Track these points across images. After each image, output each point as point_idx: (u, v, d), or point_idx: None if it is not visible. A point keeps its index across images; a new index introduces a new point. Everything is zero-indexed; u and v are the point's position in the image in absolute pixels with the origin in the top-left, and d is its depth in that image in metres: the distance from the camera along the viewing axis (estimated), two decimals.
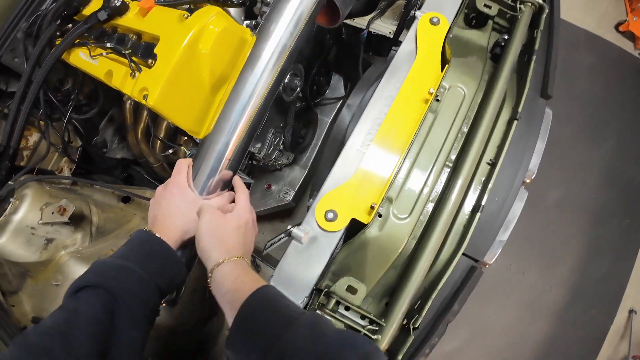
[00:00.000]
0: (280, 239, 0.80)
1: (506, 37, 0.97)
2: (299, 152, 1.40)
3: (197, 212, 0.77)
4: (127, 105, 1.25)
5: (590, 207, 2.03)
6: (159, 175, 1.38)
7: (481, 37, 0.98)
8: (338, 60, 1.42)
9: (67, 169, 1.21)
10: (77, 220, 1.09)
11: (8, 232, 1.05)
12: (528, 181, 0.91)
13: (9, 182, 1.13)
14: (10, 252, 1.07)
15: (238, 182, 0.86)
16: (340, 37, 1.36)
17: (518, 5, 0.98)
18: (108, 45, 0.95)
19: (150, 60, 0.88)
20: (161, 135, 1.17)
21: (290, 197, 1.40)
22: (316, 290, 0.80)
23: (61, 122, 1.28)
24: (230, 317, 0.63)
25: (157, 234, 0.73)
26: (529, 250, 1.88)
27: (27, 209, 1.05)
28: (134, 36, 0.99)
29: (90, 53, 1.01)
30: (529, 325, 1.81)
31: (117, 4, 0.97)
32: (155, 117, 1.20)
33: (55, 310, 0.62)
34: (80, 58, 1.04)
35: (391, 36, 1.26)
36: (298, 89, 1.16)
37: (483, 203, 0.81)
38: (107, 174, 1.43)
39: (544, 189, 1.96)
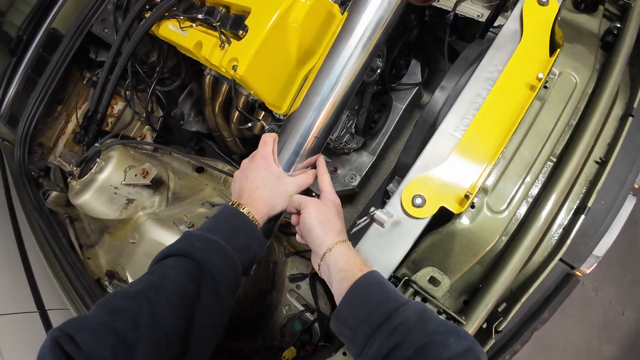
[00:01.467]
0: (364, 221, 0.77)
1: (618, 25, 0.87)
2: (370, 137, 1.36)
3: (297, 205, 0.77)
4: (207, 80, 1.27)
5: None
6: (231, 150, 1.41)
7: (592, 23, 0.88)
8: (419, 43, 1.36)
9: (149, 136, 1.26)
10: (156, 184, 1.13)
11: (92, 190, 1.11)
12: (637, 187, 0.81)
13: (96, 144, 1.21)
14: (93, 208, 1.14)
15: (321, 163, 0.84)
16: (424, 19, 1.29)
17: None
18: (199, 17, 0.97)
19: (241, 32, 0.88)
20: (238, 112, 1.18)
21: (355, 183, 1.38)
22: (394, 278, 0.77)
23: (145, 93, 1.34)
24: (340, 294, 0.64)
25: (244, 207, 0.73)
26: (608, 267, 1.72)
27: (112, 169, 1.11)
28: (223, 9, 0.99)
29: (180, 25, 1.04)
30: (596, 348, 1.66)
31: None
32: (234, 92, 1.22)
33: (143, 275, 0.63)
34: (170, 30, 1.06)
35: (480, 19, 1.18)
36: (379, 70, 1.12)
37: (589, 205, 0.74)
38: (182, 145, 1.48)
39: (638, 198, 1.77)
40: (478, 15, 1.17)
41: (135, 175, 1.10)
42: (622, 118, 0.79)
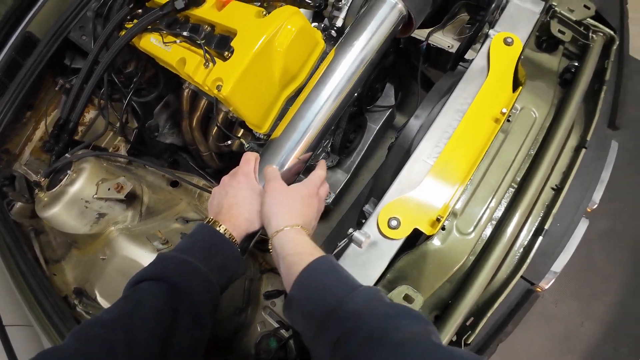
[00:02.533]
0: (344, 242, 0.80)
1: (576, 64, 0.97)
2: (345, 155, 1.41)
3: (263, 184, 0.78)
4: (186, 93, 1.28)
5: (636, 244, 1.98)
6: (207, 164, 1.41)
7: (552, 61, 0.98)
8: (393, 69, 1.43)
9: (123, 148, 1.24)
10: (129, 199, 1.11)
11: (62, 203, 1.08)
12: (589, 211, 0.90)
13: (67, 155, 1.17)
14: (62, 222, 1.10)
15: (322, 163, 0.86)
16: (399, 47, 1.36)
17: (590, 35, 0.98)
18: (184, 34, 0.98)
19: (226, 53, 0.90)
20: (217, 128, 1.19)
21: (330, 200, 1.41)
22: None
23: (120, 102, 1.31)
24: (289, 281, 0.62)
25: (221, 224, 0.72)
26: (566, 282, 1.84)
27: (83, 182, 1.08)
28: (208, 27, 1.01)
29: (162, 39, 1.04)
30: (558, 358, 1.77)
31: None
32: (213, 108, 1.23)
33: (117, 301, 0.60)
34: (152, 43, 1.07)
35: (450, 50, 1.27)
36: (356, 94, 1.17)
37: (547, 227, 0.81)
38: (155, 157, 1.46)
39: (591, 218, 1.93)
40: (448, 46, 1.27)
41: (109, 189, 1.07)
42: (576, 149, 0.88)
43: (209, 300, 0.65)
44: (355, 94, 1.09)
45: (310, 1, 0.96)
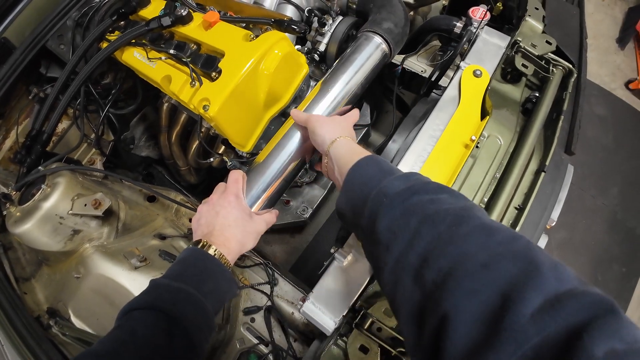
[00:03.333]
0: (329, 262, 0.84)
1: (537, 94, 1.07)
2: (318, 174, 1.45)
3: (303, 120, 0.83)
4: (165, 107, 1.27)
5: (591, 252, 2.15)
6: (183, 179, 1.40)
7: (515, 92, 1.07)
8: (369, 89, 1.49)
9: (99, 161, 1.21)
10: (106, 215, 1.09)
11: (35, 219, 1.04)
12: (548, 227, 0.99)
13: (40, 168, 1.13)
14: (34, 238, 1.06)
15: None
16: None
17: (551, 68, 1.08)
18: (170, 51, 0.99)
19: (213, 73, 0.92)
20: (197, 142, 1.20)
21: (307, 215, 1.44)
22: (353, 310, 0.84)
23: (96, 114, 1.29)
24: (342, 180, 0.66)
25: (213, 246, 0.72)
26: None
27: (58, 197, 1.05)
28: (194, 45, 1.03)
29: (147, 55, 1.05)
30: None
31: (184, 13, 1.01)
32: (193, 123, 1.23)
33: (111, 331, 0.60)
34: (135, 58, 1.07)
35: (423, 74, 1.35)
36: None
37: None
38: (129, 170, 1.44)
39: (549, 232, 2.08)
40: (422, 71, 1.35)
41: (85, 205, 1.05)
42: (536, 172, 0.97)
43: (204, 326, 0.65)
44: None
45: (295, 27, 1.00)
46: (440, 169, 0.91)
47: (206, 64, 0.96)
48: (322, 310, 0.83)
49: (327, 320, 0.83)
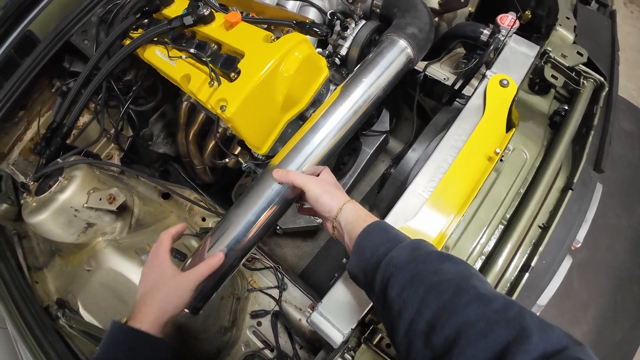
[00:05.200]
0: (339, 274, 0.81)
1: (566, 107, 1.02)
2: (338, 177, 1.42)
3: (299, 184, 0.81)
4: (184, 106, 1.28)
5: (612, 273, 2.06)
6: (199, 177, 1.40)
7: (543, 104, 1.03)
8: (389, 96, 1.46)
9: (116, 156, 1.22)
10: (120, 210, 1.09)
11: (51, 210, 1.05)
12: (573, 249, 0.93)
13: (58, 160, 1.15)
14: (49, 229, 1.07)
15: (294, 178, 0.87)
16: None
17: (581, 80, 1.03)
18: (191, 50, 0.98)
19: (232, 74, 0.91)
20: (214, 142, 1.19)
21: (319, 221, 1.42)
22: (363, 324, 0.81)
23: (116, 109, 1.30)
24: (351, 244, 0.71)
25: (129, 320, 0.71)
26: (546, 308, 1.91)
27: (74, 190, 1.06)
28: (215, 45, 1.02)
29: (168, 53, 1.05)
30: None
31: (206, 13, 1.01)
32: (211, 123, 1.23)
33: None
34: (157, 56, 1.07)
35: (446, 82, 1.31)
36: None
37: (533, 264, 0.84)
38: (146, 166, 1.45)
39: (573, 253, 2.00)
40: (444, 79, 1.31)
41: (100, 199, 1.06)
42: (563, 189, 0.92)
43: None
44: None
45: (317, 29, 0.98)
46: (461, 181, 0.87)
47: (226, 64, 0.95)
48: (331, 321, 0.80)
49: (335, 332, 0.80)
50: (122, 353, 0.67)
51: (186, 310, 0.83)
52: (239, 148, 1.15)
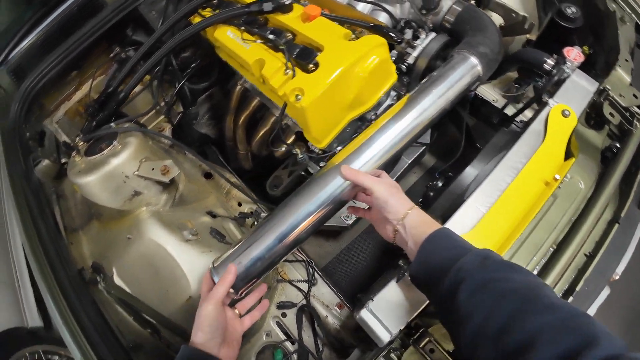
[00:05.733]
0: (397, 271, 0.83)
1: (618, 145, 1.05)
2: None
3: (368, 186, 0.82)
4: (237, 90, 1.28)
5: (628, 313, 2.10)
6: (238, 162, 1.41)
7: (597, 138, 1.06)
8: None
9: (168, 130, 1.22)
10: (167, 183, 1.09)
11: (101, 173, 1.05)
12: (611, 280, 0.96)
13: (112, 125, 1.15)
14: (95, 192, 1.07)
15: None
16: None
17: (634, 121, 1.07)
18: (270, 36, 0.99)
19: (310, 66, 0.93)
20: (266, 129, 1.21)
21: (350, 222, 1.43)
22: (409, 327, 0.82)
23: (169, 84, 1.31)
24: (415, 249, 0.72)
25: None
26: None
27: (128, 156, 1.06)
28: (290, 35, 1.04)
29: (241, 35, 1.06)
30: None
31: (287, 2, 1.02)
32: (262, 110, 1.24)
33: None
34: (229, 37, 1.08)
35: (495, 104, 1.34)
36: None
37: (577, 289, 0.87)
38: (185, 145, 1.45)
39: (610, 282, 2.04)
40: (493, 100, 1.34)
41: (153, 169, 1.06)
42: (610, 222, 0.95)
43: None
44: None
45: (393, 35, 1.01)
46: (518, 201, 0.90)
47: (302, 54, 0.96)
48: (380, 320, 0.82)
49: (383, 331, 0.81)
50: None
51: (231, 290, 0.84)
52: (292, 138, 1.16)
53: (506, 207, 0.89)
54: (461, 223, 0.88)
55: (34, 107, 1.22)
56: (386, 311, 0.83)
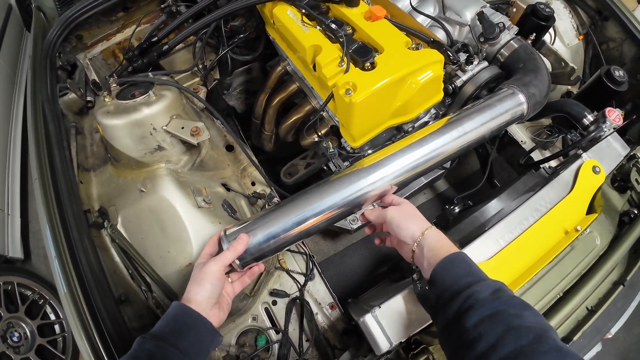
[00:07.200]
0: (413, 280, 0.82)
1: (636, 211, 1.08)
2: None
3: (380, 215, 0.84)
4: (278, 69, 1.27)
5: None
6: (260, 142, 1.39)
7: (618, 201, 1.09)
8: None
9: (202, 93, 1.20)
10: (191, 144, 1.07)
11: (130, 119, 1.03)
12: (605, 338, 0.98)
13: (149, 74, 1.12)
14: (119, 136, 1.04)
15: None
16: None
17: None
18: (332, 25, 0.99)
19: (367, 64, 0.93)
20: (299, 116, 1.20)
21: (355, 226, 1.43)
22: (410, 342, 0.82)
23: (212, 48, 1.29)
24: (430, 268, 0.72)
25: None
26: None
27: (160, 109, 1.04)
28: (350, 29, 1.03)
29: (301, 17, 1.05)
30: None
31: None
32: (299, 95, 1.23)
33: None
34: (288, 16, 1.07)
35: (522, 145, 1.35)
36: None
37: (574, 339, 0.88)
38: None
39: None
40: (522, 141, 1.35)
41: (183, 127, 1.04)
42: (615, 283, 0.98)
43: None
44: None
45: (450, 54, 1.01)
46: (537, 243, 0.91)
47: (360, 51, 0.96)
48: (383, 328, 0.82)
49: (384, 340, 0.81)
50: (176, 332, 0.72)
51: (237, 261, 0.82)
52: (325, 129, 1.15)
53: (525, 246, 0.90)
54: (479, 251, 0.88)
55: (71, 37, 1.19)
56: (390, 321, 0.83)
